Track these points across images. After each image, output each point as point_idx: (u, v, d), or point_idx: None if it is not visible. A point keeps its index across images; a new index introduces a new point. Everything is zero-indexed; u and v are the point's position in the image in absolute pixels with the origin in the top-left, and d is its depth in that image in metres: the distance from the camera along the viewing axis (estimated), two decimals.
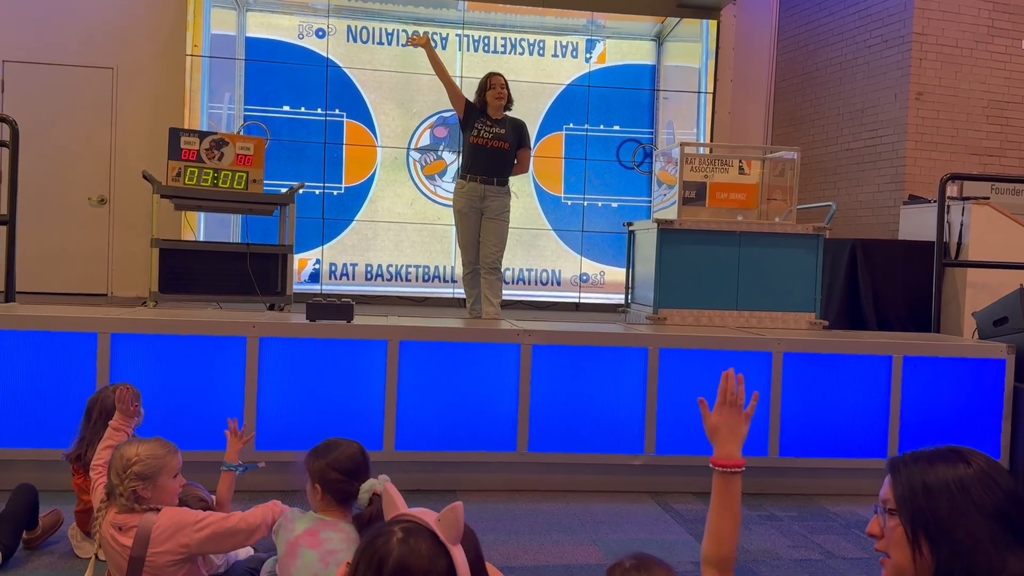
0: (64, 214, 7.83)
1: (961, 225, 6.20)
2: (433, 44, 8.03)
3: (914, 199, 7.23)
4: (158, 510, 2.35)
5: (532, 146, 8.26)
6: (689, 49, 8.67)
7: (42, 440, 3.62)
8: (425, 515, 1.39)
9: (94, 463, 2.63)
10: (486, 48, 8.32)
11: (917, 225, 6.83)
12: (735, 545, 1.63)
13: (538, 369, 3.99)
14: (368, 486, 2.33)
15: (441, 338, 3.96)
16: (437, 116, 8.13)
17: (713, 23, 8.59)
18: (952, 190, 6.39)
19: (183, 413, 3.72)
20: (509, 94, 5.54)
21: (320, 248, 8.07)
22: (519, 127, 5.60)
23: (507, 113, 5.58)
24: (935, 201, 5.81)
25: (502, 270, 5.64)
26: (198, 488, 2.80)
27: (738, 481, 1.65)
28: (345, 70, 8.12)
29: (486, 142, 5.45)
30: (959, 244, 6.19)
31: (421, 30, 5.60)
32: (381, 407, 3.86)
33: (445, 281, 8.25)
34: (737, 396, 1.66)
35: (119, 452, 2.39)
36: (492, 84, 5.50)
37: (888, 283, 6.37)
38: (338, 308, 3.99)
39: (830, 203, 6.94)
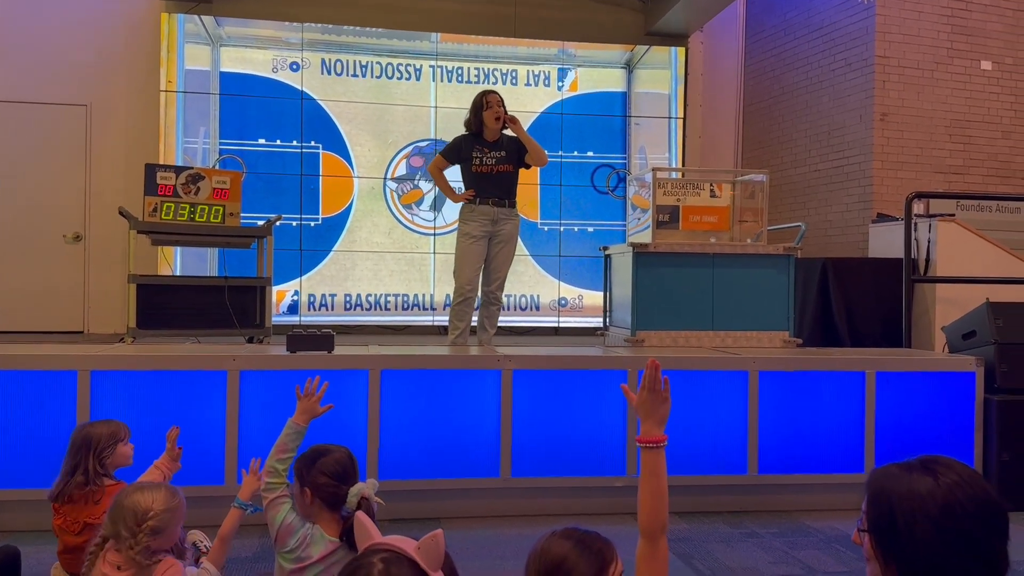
0: (39, 252, 7.78)
1: (928, 242, 6.34)
2: (407, 76, 8.17)
3: (882, 217, 7.37)
4: (157, 561, 2.21)
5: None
6: (659, 76, 8.84)
7: (22, 481, 3.59)
8: (403, 543, 1.40)
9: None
10: (459, 78, 8.42)
11: (886, 243, 6.96)
12: (658, 516, 1.76)
13: (519, 394, 4.02)
14: (356, 490, 2.37)
15: (422, 366, 3.99)
16: (412, 146, 8.19)
17: (681, 50, 8.79)
18: (918, 208, 6.53)
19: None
20: (506, 112, 5.29)
21: (298, 279, 8.07)
22: (519, 145, 5.36)
23: (504, 132, 5.35)
24: (902, 219, 5.95)
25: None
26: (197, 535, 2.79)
27: (658, 456, 1.82)
28: (320, 102, 8.18)
29: (490, 169, 5.27)
30: (927, 260, 6.32)
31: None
32: (363, 436, 3.87)
33: (424, 309, 8.27)
34: (655, 383, 1.82)
35: (131, 500, 2.18)
36: (489, 103, 5.25)
37: (860, 300, 6.47)
38: (318, 339, 4.00)
39: (800, 224, 7.07)
